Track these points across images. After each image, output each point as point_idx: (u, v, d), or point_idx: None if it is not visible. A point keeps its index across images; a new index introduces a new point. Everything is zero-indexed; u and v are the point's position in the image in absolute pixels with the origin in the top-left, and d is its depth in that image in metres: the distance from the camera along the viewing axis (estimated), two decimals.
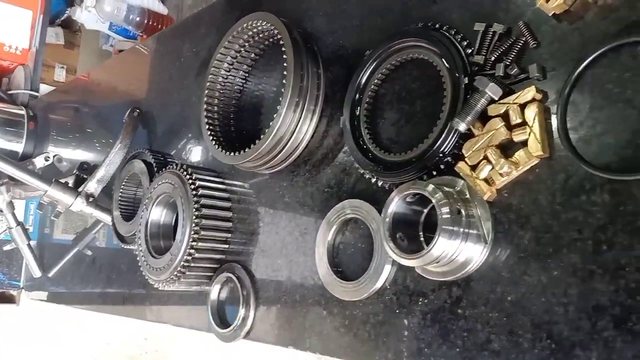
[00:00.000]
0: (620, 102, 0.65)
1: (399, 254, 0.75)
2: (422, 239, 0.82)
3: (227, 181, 1.25)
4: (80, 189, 1.58)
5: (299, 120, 1.03)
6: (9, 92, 2.58)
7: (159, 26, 3.29)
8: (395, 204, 0.77)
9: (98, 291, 1.72)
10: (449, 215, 0.72)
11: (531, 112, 0.71)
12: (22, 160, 2.12)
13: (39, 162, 2.04)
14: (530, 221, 0.71)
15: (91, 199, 1.58)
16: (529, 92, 0.72)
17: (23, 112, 2.31)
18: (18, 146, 2.25)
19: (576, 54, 0.69)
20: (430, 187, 0.74)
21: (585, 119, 0.67)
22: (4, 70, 2.75)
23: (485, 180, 0.75)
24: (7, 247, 2.10)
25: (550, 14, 0.72)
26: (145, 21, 3.25)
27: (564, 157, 0.69)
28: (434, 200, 0.72)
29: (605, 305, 0.62)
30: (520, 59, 0.76)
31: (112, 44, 3.70)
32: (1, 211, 1.90)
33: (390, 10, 0.95)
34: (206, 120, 1.18)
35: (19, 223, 1.96)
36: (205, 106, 1.20)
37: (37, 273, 2.00)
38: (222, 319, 1.18)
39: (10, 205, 1.92)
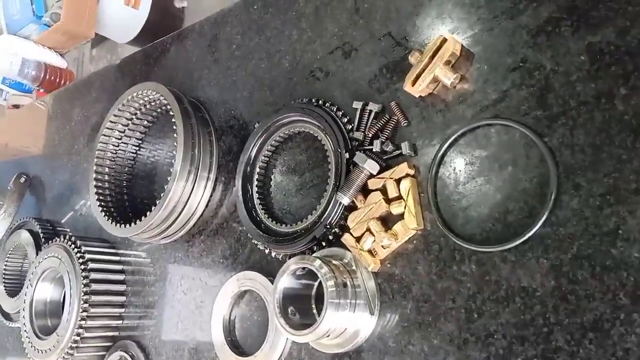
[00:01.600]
0: (479, 178, 0.71)
1: (290, 331, 0.75)
2: (314, 311, 0.83)
3: (120, 251, 1.20)
4: None
5: (192, 189, 1.02)
6: None
7: (57, 80, 3.15)
8: (284, 280, 0.78)
9: None
10: (334, 289, 0.73)
11: (405, 187, 0.75)
12: None
13: None
14: (411, 291, 0.74)
15: None
16: (403, 168, 0.76)
17: None
18: None
19: (441, 132, 0.76)
20: (317, 262, 0.75)
21: (452, 193, 0.73)
22: None
23: (369, 251, 0.78)
24: None
25: (417, 96, 0.78)
26: (42, 75, 3.10)
27: (437, 228, 0.73)
28: (319, 275, 0.74)
29: None
30: (394, 136, 0.81)
31: (5, 97, 3.48)
32: None
33: (277, 85, 0.98)
34: (95, 190, 1.14)
35: None
36: (94, 175, 1.15)
37: None
38: None
39: None
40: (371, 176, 0.79)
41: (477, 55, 0.74)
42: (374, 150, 0.81)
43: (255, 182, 0.95)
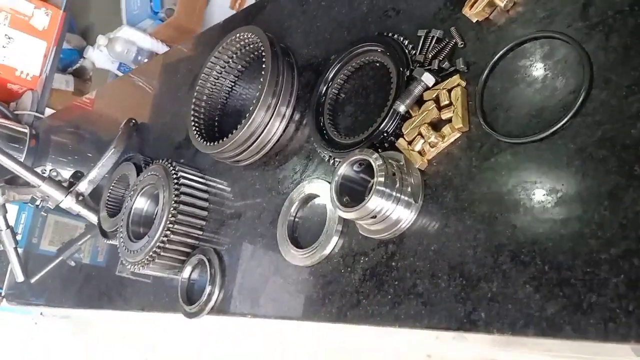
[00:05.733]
0: (522, 84, 0.80)
1: (341, 208, 0.87)
2: None
3: (206, 176, 1.38)
4: (71, 188, 1.70)
5: (272, 116, 1.18)
6: (16, 112, 2.74)
7: None
8: (344, 168, 0.90)
9: (75, 291, 1.79)
10: (383, 177, 0.84)
11: (455, 94, 0.86)
12: None
13: None
14: (452, 183, 0.84)
15: (81, 198, 1.69)
16: (455, 79, 0.87)
17: (26, 130, 2.45)
18: None
19: (492, 49, 0.86)
20: (374, 154, 0.87)
21: (496, 98, 0.82)
22: (13, 94, 2.93)
23: (419, 152, 0.89)
24: None
25: (474, 21, 0.89)
26: None
27: (480, 129, 0.83)
28: (372, 162, 0.85)
29: (504, 244, 0.74)
30: (452, 57, 0.92)
31: None
32: None
33: (354, 26, 1.12)
34: (192, 117, 1.33)
35: (9, 226, 2.05)
36: (192, 106, 1.35)
37: (20, 277, 2.07)
38: (190, 298, 1.27)
39: (3, 208, 2.02)
40: (427, 88, 0.90)
41: None
42: (432, 68, 0.92)
43: (327, 106, 1.09)
